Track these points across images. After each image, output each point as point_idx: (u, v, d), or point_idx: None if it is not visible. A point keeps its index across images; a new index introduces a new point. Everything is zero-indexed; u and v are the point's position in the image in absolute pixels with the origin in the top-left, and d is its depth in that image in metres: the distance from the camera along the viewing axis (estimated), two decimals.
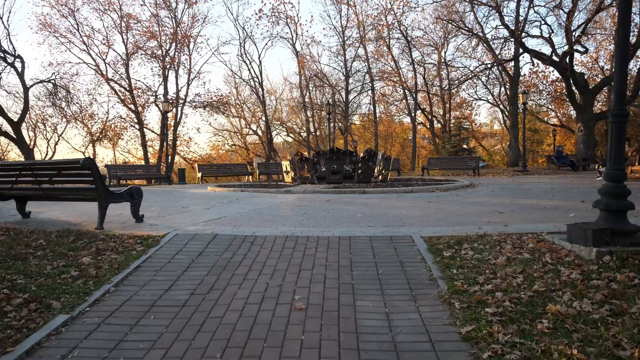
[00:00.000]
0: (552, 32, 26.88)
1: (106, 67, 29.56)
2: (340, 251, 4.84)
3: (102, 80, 29.89)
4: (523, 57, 32.65)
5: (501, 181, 15.64)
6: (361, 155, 14.07)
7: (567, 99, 41.43)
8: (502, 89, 41.10)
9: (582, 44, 25.88)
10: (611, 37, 35.65)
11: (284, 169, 14.48)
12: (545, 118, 45.34)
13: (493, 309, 3.28)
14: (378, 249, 4.92)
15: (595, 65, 37.92)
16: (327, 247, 4.99)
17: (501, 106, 42.12)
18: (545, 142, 44.30)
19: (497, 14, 26.92)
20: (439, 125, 42.47)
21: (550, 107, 44.27)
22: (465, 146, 32.25)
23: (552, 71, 39.79)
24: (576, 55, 28.29)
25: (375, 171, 13.86)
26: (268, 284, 3.95)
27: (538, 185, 12.89)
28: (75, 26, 28.04)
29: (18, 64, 22.90)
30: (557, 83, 40.78)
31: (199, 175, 21.60)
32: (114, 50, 33.80)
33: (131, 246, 5.04)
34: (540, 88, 41.30)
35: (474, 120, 44.90)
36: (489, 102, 44.14)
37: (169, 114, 33.48)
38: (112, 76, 29.96)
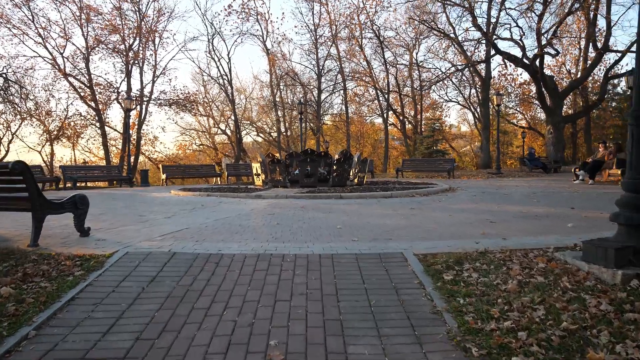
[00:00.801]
0: (524, 34, 26.83)
1: (64, 62, 27.98)
2: (323, 274, 4.08)
3: (59, 76, 28.28)
4: (494, 59, 32.75)
5: (478, 184, 15.19)
6: (336, 157, 13.35)
7: (536, 102, 42.11)
8: (473, 90, 41.30)
9: (553, 47, 25.88)
10: (575, 42, 36.27)
11: (254, 171, 13.62)
12: (514, 120, 45.74)
13: (521, 358, 2.60)
14: (366, 270, 4.18)
15: (562, 69, 38.38)
16: (306, 268, 4.23)
17: (471, 108, 42.28)
18: (514, 143, 44.60)
19: (469, 15, 26.72)
20: (410, 126, 42.23)
21: (518, 109, 44.72)
22: (438, 147, 31.94)
23: (521, 74, 40.25)
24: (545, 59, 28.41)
25: (351, 174, 13.17)
26: (236, 323, 3.15)
27: (518, 190, 12.45)
28: (30, 17, 26.40)
29: None
30: (524, 86, 41.25)
31: (164, 177, 20.45)
32: (73, 43, 32.29)
33: (68, 270, 4.15)
34: (509, 90, 41.70)
35: (444, 121, 44.85)
36: (459, 103, 44.24)
37: (133, 112, 32.20)
38: (71, 71, 28.42)
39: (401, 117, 40.99)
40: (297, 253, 4.65)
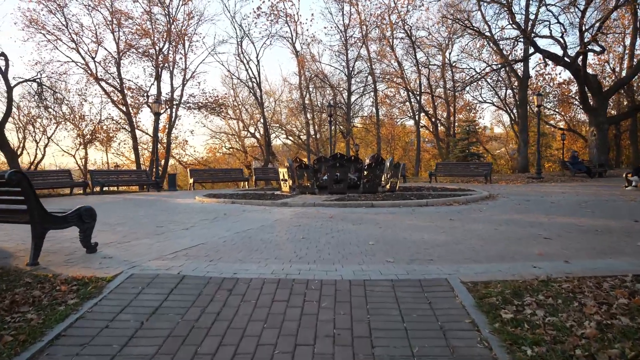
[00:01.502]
0: (565, 31, 25.36)
1: (96, 66, 28.17)
2: (354, 307, 3.42)
3: (92, 80, 28.48)
4: (532, 58, 31.40)
5: (519, 190, 14.22)
6: (367, 162, 12.65)
7: (576, 102, 40.35)
8: (509, 91, 39.84)
9: (598, 43, 24.49)
10: (620, 39, 34.49)
11: (281, 176, 13.04)
12: (552, 122, 43.97)
13: None
14: (406, 302, 3.51)
15: (605, 67, 36.61)
16: (334, 298, 3.58)
17: (507, 109, 40.79)
18: (553, 146, 42.82)
19: (506, 12, 25.60)
20: (443, 128, 41.11)
21: (556, 110, 42.94)
22: (474, 150, 30.76)
23: (559, 73, 38.66)
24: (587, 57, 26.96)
25: (382, 179, 12.45)
26: None
27: (565, 197, 11.48)
28: (64, 23, 26.65)
29: (1, 62, 21.46)
30: (563, 86, 39.59)
31: (191, 181, 20.15)
32: (105, 48, 32.35)
33: (62, 297, 3.62)
34: (547, 91, 40.07)
35: (478, 123, 43.44)
36: (494, 104, 42.83)
37: (163, 116, 32.25)
38: (102, 75, 28.56)
39: (433, 119, 39.96)
40: (324, 278, 4.01)
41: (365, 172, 12.10)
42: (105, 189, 17.81)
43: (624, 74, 33.80)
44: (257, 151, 43.69)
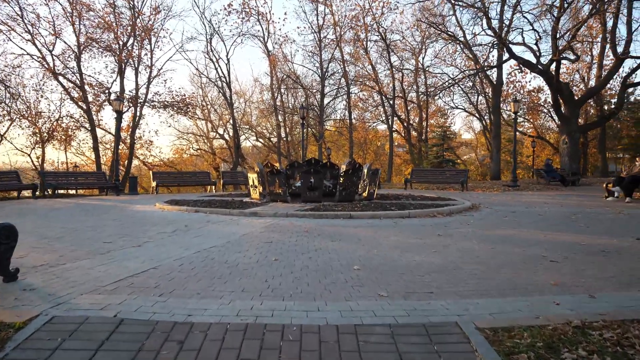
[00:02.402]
0: (540, 38, 25.19)
1: (53, 60, 26.41)
2: None
3: (48, 75, 26.74)
4: (505, 64, 31.37)
5: (500, 200, 13.68)
6: (343, 168, 11.83)
7: (544, 110, 40.73)
8: (480, 97, 39.86)
9: (573, 51, 24.45)
10: (587, 48, 34.85)
11: (251, 182, 12.07)
12: (520, 129, 44.28)
13: None
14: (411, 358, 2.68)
15: (575, 76, 37.01)
16: (318, 354, 2.72)
17: (478, 115, 40.78)
18: (523, 153, 43.09)
19: (482, 18, 25.36)
20: (415, 133, 40.77)
21: (525, 117, 43.21)
22: (448, 156, 30.38)
23: (529, 81, 38.85)
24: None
25: (360, 187, 11.66)
26: None
27: (550, 208, 10.93)
28: (19, 12, 24.90)
29: None
30: (533, 93, 39.91)
31: (154, 184, 18.89)
32: (63, 41, 30.62)
33: None
34: (518, 98, 40.23)
35: (450, 129, 43.31)
36: (465, 110, 42.84)
37: (128, 115, 30.76)
38: (61, 70, 26.85)
39: (406, 124, 39.55)
40: (304, 323, 3.15)
41: (342, 179, 11.28)
42: (60, 191, 16.46)
43: (592, 83, 34.23)
44: (226, 153, 42.43)
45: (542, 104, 40.52)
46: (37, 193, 15.56)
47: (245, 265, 4.84)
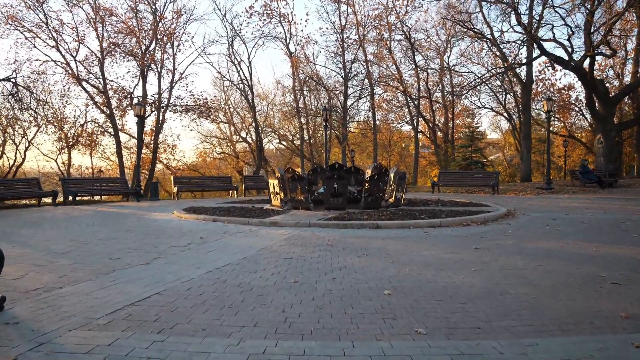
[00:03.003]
0: (572, 33, 24.07)
1: (77, 65, 26.44)
2: None
3: (72, 81, 26.80)
4: (535, 62, 30.24)
5: (535, 204, 12.84)
6: (369, 172, 11.21)
7: (575, 108, 39.27)
8: (508, 96, 38.64)
9: (610, 46, 23.26)
10: (621, 43, 33.33)
11: (272, 189, 11.55)
12: (551, 128, 42.84)
13: None
14: None
15: (610, 72, 35.50)
16: None
17: (507, 114, 39.56)
18: (555, 153, 41.58)
19: (511, 13, 24.37)
20: (441, 134, 39.77)
21: (556, 116, 41.76)
22: (476, 157, 29.34)
23: (559, 79, 37.40)
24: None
25: (386, 193, 11.03)
26: None
27: (593, 215, 10.09)
28: (43, 20, 24.99)
29: None
30: (563, 91, 38.48)
31: (175, 189, 18.60)
32: (87, 46, 30.54)
33: None
34: (549, 96, 38.91)
35: (477, 129, 42.15)
36: (493, 110, 41.58)
37: (151, 119, 30.74)
38: (84, 76, 26.90)
39: (431, 124, 38.59)
40: None
41: (367, 185, 10.66)
42: (79, 198, 16.26)
43: (627, 79, 32.75)
44: (249, 156, 42.15)
45: (572, 102, 39.14)
46: (58, 200, 15.37)
47: (260, 288, 4.29)
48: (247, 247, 6.41)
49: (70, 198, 15.39)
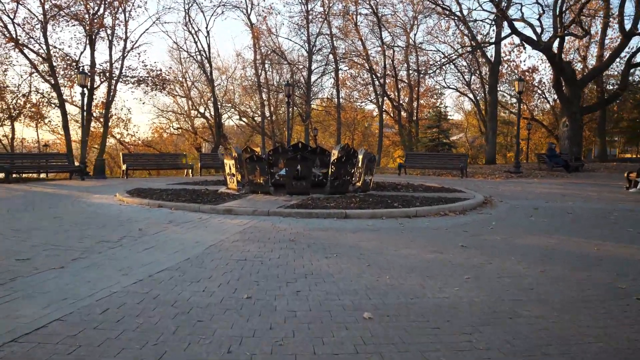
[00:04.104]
0: (543, 12, 23.64)
1: (15, 28, 24.07)
2: None
3: (10, 46, 24.40)
4: (504, 41, 29.75)
5: (510, 190, 12.23)
6: (335, 153, 10.22)
7: (538, 91, 39.44)
8: (473, 77, 38.31)
9: (582, 26, 22.92)
10: (586, 25, 33.31)
11: (227, 170, 10.36)
12: (514, 110, 42.96)
13: None
14: None
15: (573, 55, 35.53)
16: None
17: (470, 95, 39.31)
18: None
19: None
20: (405, 114, 39.11)
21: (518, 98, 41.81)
22: (445, 140, 28.80)
23: (524, 60, 37.19)
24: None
25: (354, 176, 10.09)
26: None
27: (576, 203, 9.46)
28: None
29: None
30: (527, 73, 38.43)
31: (124, 167, 17.09)
32: (26, 7, 27.91)
33: None
34: (514, 78, 38.95)
35: (441, 109, 41.74)
36: (458, 90, 41.24)
37: (103, 90, 28.60)
38: (24, 41, 24.50)
39: (396, 103, 37.83)
40: None
41: (333, 168, 9.67)
42: (17, 176, 14.62)
43: (591, 62, 32.82)
44: (208, 132, 40.38)
45: (536, 84, 39.29)
46: None
47: (202, 310, 3.25)
48: (193, 244, 5.32)
49: (3, 175, 13.75)
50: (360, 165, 10.04)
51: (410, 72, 37.96)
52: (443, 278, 4.13)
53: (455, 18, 28.13)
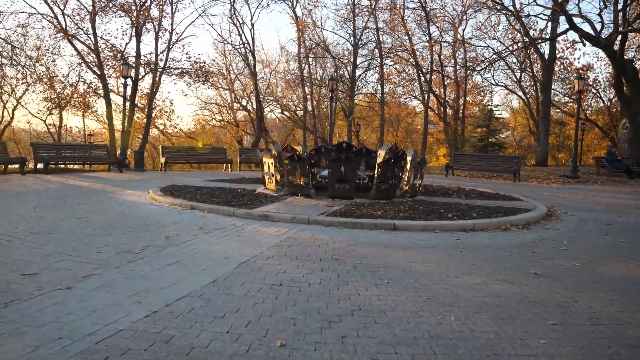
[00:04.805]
0: (605, 7, 21.96)
1: (65, 19, 24.30)
2: None
3: (60, 37, 24.70)
4: (560, 37, 28.01)
5: (573, 199, 11.11)
6: (382, 154, 9.43)
7: (593, 90, 37.16)
8: (523, 74, 36.43)
9: None
10: None
11: (266, 169, 9.72)
12: (568, 110, 40.74)
13: None
14: None
15: (637, 54, 33.18)
16: None
17: (520, 93, 37.44)
18: (571, 137, 39.59)
19: None
20: (450, 111, 37.65)
21: (573, 98, 39.62)
22: (494, 140, 27.37)
23: (578, 58, 35.04)
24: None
25: (402, 180, 9.28)
26: None
27: None
28: None
29: None
30: (582, 72, 36.25)
31: (163, 160, 16.83)
32: None
33: None
34: (566, 76, 36.88)
35: (489, 107, 40.01)
36: (507, 88, 39.38)
37: (147, 82, 28.73)
38: (74, 31, 24.75)
39: (442, 100, 36.44)
40: None
41: (379, 170, 8.89)
42: (55, 166, 14.53)
43: None
44: (250, 125, 40.16)
45: (590, 83, 37.06)
46: (27, 168, 13.62)
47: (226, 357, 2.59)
48: (222, 259, 4.69)
49: (40, 166, 13.64)
50: (408, 168, 9.22)
51: (458, 68, 36.55)
52: (522, 323, 3.32)
53: (508, 13, 26.64)
